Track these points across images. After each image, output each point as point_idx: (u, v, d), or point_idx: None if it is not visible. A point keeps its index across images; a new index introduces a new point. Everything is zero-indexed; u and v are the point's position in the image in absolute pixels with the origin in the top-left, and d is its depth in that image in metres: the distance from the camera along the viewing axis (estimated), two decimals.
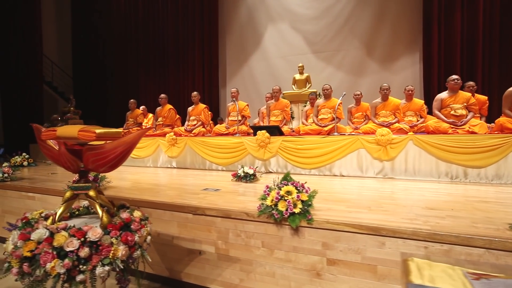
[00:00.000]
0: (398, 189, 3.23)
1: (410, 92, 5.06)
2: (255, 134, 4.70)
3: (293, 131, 5.37)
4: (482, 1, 6.35)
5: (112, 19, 10.80)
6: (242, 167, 3.90)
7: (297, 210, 2.13)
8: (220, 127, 5.57)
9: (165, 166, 5.55)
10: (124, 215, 1.73)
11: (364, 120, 5.37)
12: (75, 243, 1.44)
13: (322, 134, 4.67)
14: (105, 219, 1.62)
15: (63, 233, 1.47)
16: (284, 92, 7.12)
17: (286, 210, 2.14)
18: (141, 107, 7.23)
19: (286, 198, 2.18)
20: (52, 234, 1.46)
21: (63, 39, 11.77)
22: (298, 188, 2.24)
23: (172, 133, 5.38)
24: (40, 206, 3.51)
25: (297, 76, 7.56)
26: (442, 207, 2.43)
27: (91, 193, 1.70)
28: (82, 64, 11.59)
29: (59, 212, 1.63)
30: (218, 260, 2.47)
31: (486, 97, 4.85)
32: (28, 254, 1.41)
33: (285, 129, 5.00)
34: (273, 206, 2.21)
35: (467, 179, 3.64)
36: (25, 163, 5.91)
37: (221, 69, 9.42)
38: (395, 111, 4.62)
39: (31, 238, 1.44)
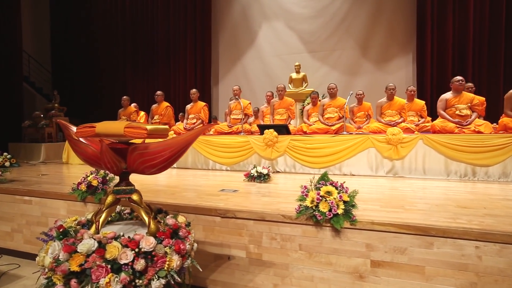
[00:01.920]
0: (417, 188, 3.25)
1: (412, 92, 5.15)
2: (261, 133, 4.60)
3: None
4: (473, 7, 6.61)
5: (96, 12, 10.25)
6: (255, 166, 3.78)
7: (340, 211, 2.05)
8: (222, 126, 5.40)
9: None
10: (171, 221, 1.57)
11: (366, 120, 5.41)
12: (129, 255, 1.27)
13: (329, 133, 4.65)
14: (153, 226, 1.45)
15: (115, 243, 1.29)
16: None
17: (330, 211, 2.06)
18: (133, 104, 6.89)
19: (327, 198, 2.10)
20: (102, 245, 1.28)
21: (41, 31, 11.01)
22: (338, 188, 2.17)
23: (172, 132, 5.15)
24: (39, 211, 3.22)
25: (294, 75, 7.52)
26: (473, 205, 2.45)
27: (135, 197, 1.52)
28: (63, 59, 10.92)
29: (101, 219, 1.44)
30: (249, 265, 2.35)
31: (483, 98, 5.02)
32: (77, 268, 1.22)
33: (290, 128, 4.92)
34: (314, 208, 2.12)
35: (475, 177, 3.73)
36: (7, 163, 5.43)
37: (214, 67, 9.20)
38: (401, 110, 4.68)
39: (78, 250, 1.26)
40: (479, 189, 3.18)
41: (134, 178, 3.67)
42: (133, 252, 1.29)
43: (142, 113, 7.01)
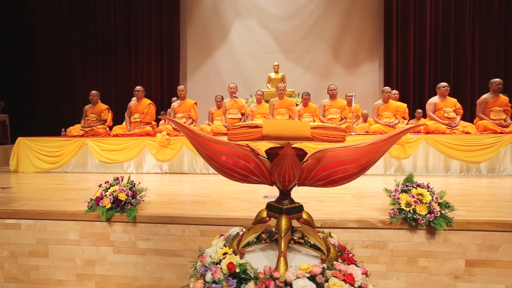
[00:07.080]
0: (441, 185, 3.46)
1: (396, 95, 5.54)
2: None
3: None
4: (429, 21, 7.49)
5: None
6: None
7: (438, 213, 2.03)
8: (218, 126, 5.00)
9: (153, 171, 4.66)
10: (335, 241, 1.30)
11: (356, 121, 5.64)
12: None
13: None
14: (333, 251, 1.17)
15: (335, 281, 0.99)
16: (263, 90, 6.87)
17: (430, 213, 2.01)
18: None
19: (424, 201, 2.05)
20: (319, 285, 0.97)
21: None
22: (427, 190, 2.14)
23: (164, 132, 4.55)
24: (33, 238, 2.46)
25: (273, 75, 7.46)
26: None
27: (305, 216, 1.21)
28: None
29: (282, 248, 1.09)
30: None
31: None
32: None
33: None
34: (411, 211, 2.05)
35: (469, 173, 4.19)
36: None
37: (182, 62, 8.53)
38: (395, 112, 4.99)
39: None
40: (490, 183, 3.55)
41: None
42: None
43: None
